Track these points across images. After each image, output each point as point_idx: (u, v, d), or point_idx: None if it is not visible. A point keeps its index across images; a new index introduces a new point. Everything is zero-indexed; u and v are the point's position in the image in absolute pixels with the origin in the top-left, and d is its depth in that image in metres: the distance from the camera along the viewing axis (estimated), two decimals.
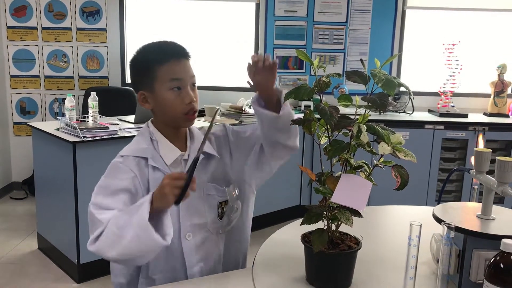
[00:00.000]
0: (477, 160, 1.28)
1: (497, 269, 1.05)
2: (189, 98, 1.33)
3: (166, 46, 1.36)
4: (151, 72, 1.32)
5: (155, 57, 1.32)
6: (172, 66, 1.32)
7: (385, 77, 1.13)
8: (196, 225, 1.38)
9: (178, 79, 1.32)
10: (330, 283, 1.20)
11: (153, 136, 1.38)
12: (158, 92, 1.33)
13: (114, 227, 1.19)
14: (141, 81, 1.36)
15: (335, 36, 4.50)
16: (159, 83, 1.32)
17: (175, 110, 1.33)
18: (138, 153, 1.36)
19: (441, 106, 4.26)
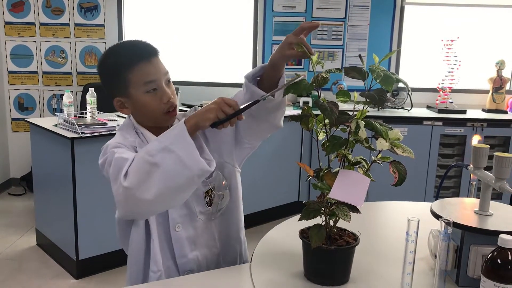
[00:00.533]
0: (475, 156, 1.29)
1: (494, 264, 1.05)
2: (167, 96, 1.30)
3: (134, 48, 1.31)
4: (123, 78, 1.28)
5: (125, 62, 1.28)
6: (143, 69, 1.28)
7: (384, 72, 1.13)
8: (185, 216, 1.35)
9: (152, 81, 1.28)
10: (328, 278, 1.21)
11: (138, 130, 1.35)
12: (135, 96, 1.30)
13: (146, 155, 1.11)
14: (114, 88, 1.32)
15: (333, 32, 4.49)
16: (133, 87, 1.29)
17: (155, 111, 1.30)
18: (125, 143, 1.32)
19: (440, 102, 4.26)
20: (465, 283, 1.21)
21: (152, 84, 1.28)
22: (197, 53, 4.54)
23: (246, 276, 1.26)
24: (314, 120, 1.22)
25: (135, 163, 1.12)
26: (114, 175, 1.15)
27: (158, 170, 1.08)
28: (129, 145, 1.30)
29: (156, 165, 1.09)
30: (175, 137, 1.11)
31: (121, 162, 1.15)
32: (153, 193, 1.09)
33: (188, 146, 1.09)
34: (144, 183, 1.09)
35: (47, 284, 2.92)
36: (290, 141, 3.98)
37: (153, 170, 1.09)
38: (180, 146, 1.09)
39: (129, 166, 1.12)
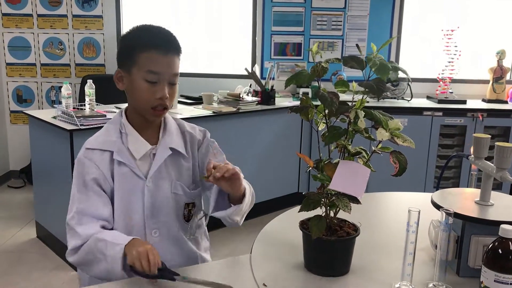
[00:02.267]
0: (476, 146, 1.28)
1: (495, 254, 1.05)
2: (161, 93, 1.28)
3: (156, 34, 1.31)
4: (133, 56, 1.28)
5: (141, 42, 1.28)
6: (154, 57, 1.27)
7: (380, 61, 1.12)
8: (162, 223, 1.36)
9: (155, 73, 1.27)
10: (328, 269, 1.21)
11: (123, 129, 1.35)
12: (134, 77, 1.29)
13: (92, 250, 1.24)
14: (122, 59, 1.32)
15: (333, 22, 4.46)
16: (136, 68, 1.28)
17: (144, 101, 1.29)
18: (104, 146, 1.33)
19: (440, 93, 4.25)
20: (466, 273, 1.21)
21: (154, 76, 1.27)
22: (196, 44, 4.51)
23: (246, 267, 1.26)
24: (313, 110, 1.21)
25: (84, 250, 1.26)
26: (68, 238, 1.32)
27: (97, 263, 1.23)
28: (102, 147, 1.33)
29: (98, 260, 1.22)
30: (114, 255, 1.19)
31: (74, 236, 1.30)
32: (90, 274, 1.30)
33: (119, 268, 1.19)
34: (84, 265, 1.29)
35: (47, 276, 2.92)
36: (289, 132, 3.97)
37: (94, 260, 1.23)
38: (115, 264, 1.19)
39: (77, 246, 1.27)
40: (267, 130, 3.81)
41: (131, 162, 1.33)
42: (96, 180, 1.31)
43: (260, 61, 4.51)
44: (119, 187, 1.32)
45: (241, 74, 4.08)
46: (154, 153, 1.35)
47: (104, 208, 1.31)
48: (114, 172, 1.32)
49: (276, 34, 4.49)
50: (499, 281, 1.04)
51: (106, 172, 1.32)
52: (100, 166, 1.31)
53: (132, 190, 1.33)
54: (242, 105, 3.66)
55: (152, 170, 1.34)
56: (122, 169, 1.32)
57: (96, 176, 1.31)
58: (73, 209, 1.31)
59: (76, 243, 1.27)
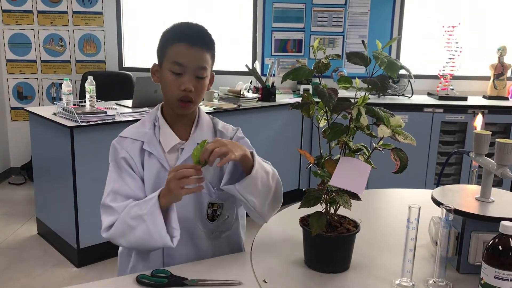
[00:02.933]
0: (477, 142, 1.28)
1: (495, 251, 1.05)
2: (186, 85, 1.30)
3: (186, 28, 1.35)
4: (164, 49, 1.33)
5: (171, 36, 1.33)
6: (180, 50, 1.30)
7: (388, 59, 1.11)
8: (182, 218, 1.32)
9: (180, 64, 1.30)
10: (328, 266, 1.21)
11: (156, 121, 1.39)
12: (163, 69, 1.34)
13: (128, 217, 1.24)
14: (158, 53, 1.37)
15: (334, 19, 4.45)
16: (165, 61, 1.32)
17: (170, 92, 1.32)
18: (136, 135, 1.37)
19: (441, 89, 4.24)
20: (466, 269, 1.22)
21: (179, 67, 1.30)
22: None
23: (246, 263, 1.26)
24: (314, 107, 1.21)
25: (119, 223, 1.27)
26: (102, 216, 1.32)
27: (132, 232, 1.24)
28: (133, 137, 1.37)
29: (133, 228, 1.23)
30: (150, 209, 1.21)
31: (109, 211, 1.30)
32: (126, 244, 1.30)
33: (158, 223, 1.20)
34: (121, 237, 1.27)
35: (48, 272, 2.93)
36: (290, 128, 3.97)
37: (129, 230, 1.24)
38: (151, 219, 1.20)
39: (112, 222, 1.28)
40: (267, 127, 3.81)
41: (160, 153, 1.35)
42: (126, 161, 1.34)
43: (260, 58, 4.50)
44: (147, 177, 1.35)
45: (242, 71, 4.07)
46: (183, 148, 1.37)
47: (137, 190, 1.33)
48: (144, 162, 1.35)
49: (277, 31, 4.48)
50: (499, 278, 1.04)
51: (136, 160, 1.35)
52: (130, 152, 1.35)
53: (158, 181, 1.34)
54: (243, 102, 3.66)
55: (178, 163, 1.35)
56: (151, 160, 1.35)
57: (127, 157, 1.35)
58: (108, 190, 1.33)
59: (112, 219, 1.28)
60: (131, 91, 3.45)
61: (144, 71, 4.31)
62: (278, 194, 1.33)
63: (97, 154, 2.89)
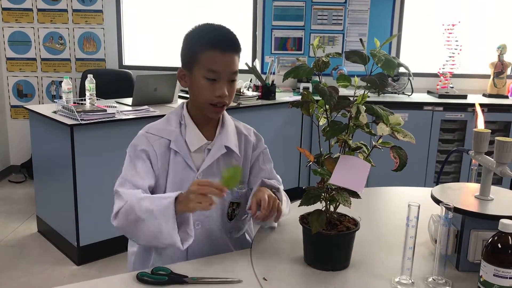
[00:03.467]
0: (476, 141, 1.28)
1: (494, 249, 1.06)
2: (220, 91, 1.31)
3: (217, 34, 1.35)
4: (194, 55, 1.32)
5: (202, 42, 1.32)
6: (213, 57, 1.30)
7: (385, 57, 1.11)
8: (205, 216, 1.38)
9: (215, 72, 1.31)
10: (328, 264, 1.21)
11: (182, 120, 1.40)
12: (195, 75, 1.33)
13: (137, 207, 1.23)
14: (184, 59, 1.37)
15: (334, 17, 4.45)
16: (198, 67, 1.32)
17: (204, 98, 1.33)
18: (163, 133, 1.38)
19: (440, 88, 4.24)
20: (465, 267, 1.22)
21: (214, 74, 1.31)
22: None
23: (246, 261, 1.26)
24: (314, 105, 1.21)
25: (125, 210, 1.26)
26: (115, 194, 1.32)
27: (141, 224, 1.22)
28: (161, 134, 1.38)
29: (142, 220, 1.22)
30: (163, 208, 1.20)
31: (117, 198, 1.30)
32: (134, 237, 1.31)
33: (169, 222, 1.19)
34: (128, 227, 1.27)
35: (49, 270, 2.93)
36: (290, 127, 3.97)
37: (138, 221, 1.23)
38: (164, 218, 1.20)
39: (120, 208, 1.27)
40: (267, 125, 3.81)
41: (186, 153, 1.37)
42: (146, 152, 1.35)
43: (260, 56, 4.50)
44: (172, 176, 1.36)
45: (242, 69, 4.04)
46: (209, 148, 1.39)
47: (147, 179, 1.34)
48: (170, 160, 1.37)
49: (277, 29, 4.48)
50: (498, 275, 1.04)
51: (161, 158, 1.36)
52: (156, 148, 1.36)
53: (183, 180, 1.36)
54: (243, 100, 3.66)
55: (205, 164, 1.37)
56: (177, 158, 1.37)
57: (149, 150, 1.35)
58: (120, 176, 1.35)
59: (119, 205, 1.28)
60: (131, 89, 3.45)
61: (144, 69, 4.30)
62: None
63: (97, 152, 2.89)
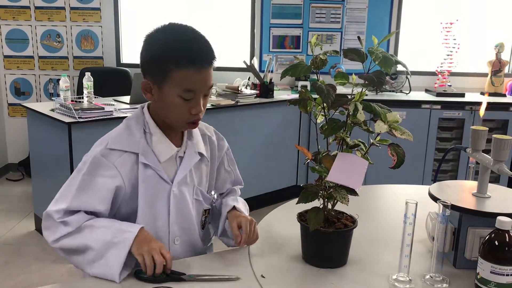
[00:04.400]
0: (474, 138, 1.28)
1: (491, 246, 1.06)
2: (197, 109, 1.20)
3: (191, 49, 1.18)
4: (165, 70, 1.16)
5: (177, 58, 1.16)
6: (190, 75, 1.17)
7: (382, 54, 1.12)
8: (184, 230, 1.32)
9: (192, 91, 1.18)
10: (326, 261, 1.21)
11: (147, 128, 1.25)
12: (166, 93, 1.19)
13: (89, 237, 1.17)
14: (151, 71, 1.20)
15: (332, 15, 4.45)
16: (169, 85, 1.18)
17: (178, 117, 1.22)
18: (127, 147, 1.22)
19: (438, 86, 4.25)
20: (463, 265, 1.22)
21: (190, 94, 1.18)
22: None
23: (244, 259, 1.26)
24: (312, 103, 1.21)
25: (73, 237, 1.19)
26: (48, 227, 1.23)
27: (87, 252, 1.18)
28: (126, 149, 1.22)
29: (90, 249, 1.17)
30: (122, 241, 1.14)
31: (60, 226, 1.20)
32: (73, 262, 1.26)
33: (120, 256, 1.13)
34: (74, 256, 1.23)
35: (47, 268, 2.93)
36: (288, 124, 3.97)
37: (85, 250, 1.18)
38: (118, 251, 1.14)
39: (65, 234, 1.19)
40: (265, 123, 3.81)
41: (156, 164, 1.24)
42: (109, 189, 1.20)
43: (258, 54, 4.50)
44: (144, 191, 1.23)
45: (240, 67, 4.07)
46: (180, 156, 1.29)
47: (100, 204, 1.21)
48: (139, 175, 1.22)
49: (275, 27, 4.48)
50: (495, 273, 1.05)
51: (129, 175, 1.22)
52: (119, 167, 1.21)
53: (157, 194, 1.25)
54: (241, 98, 3.66)
55: (180, 175, 1.27)
56: (147, 171, 1.23)
57: (112, 175, 1.20)
58: (62, 204, 1.21)
59: (66, 230, 1.18)
60: (129, 87, 3.45)
61: None
62: None
63: None
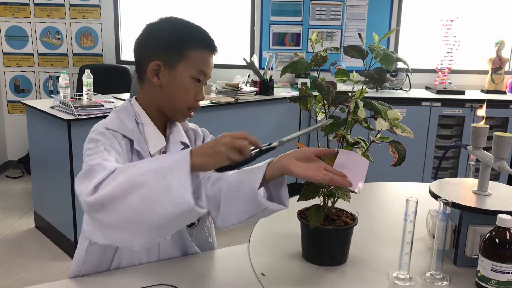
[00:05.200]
0: (474, 136, 1.28)
1: (492, 244, 1.06)
2: (202, 96, 1.23)
3: (205, 33, 1.24)
4: (182, 50, 1.18)
5: (195, 39, 1.20)
6: (207, 57, 1.21)
7: (383, 51, 1.11)
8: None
9: (204, 73, 1.22)
10: (326, 259, 1.21)
11: (138, 118, 1.23)
12: (179, 73, 1.19)
13: (133, 169, 0.96)
14: (164, 52, 1.20)
15: (332, 12, 4.44)
16: (184, 65, 1.19)
17: (184, 100, 1.21)
18: (125, 131, 1.19)
19: (438, 83, 4.24)
20: (463, 262, 1.22)
21: (202, 75, 1.21)
22: None
23: (244, 257, 1.26)
24: (312, 100, 1.21)
25: (113, 178, 0.96)
26: (82, 181, 1.00)
27: (138, 191, 0.92)
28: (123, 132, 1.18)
29: (140, 184, 0.92)
30: (175, 164, 0.94)
31: (96, 171, 0.99)
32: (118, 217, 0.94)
33: (183, 181, 0.92)
34: (112, 201, 0.93)
35: (46, 265, 2.93)
36: (288, 122, 3.96)
37: (132, 189, 0.92)
38: (175, 176, 0.92)
39: (103, 179, 0.96)
40: (265, 121, 3.81)
41: (147, 154, 1.21)
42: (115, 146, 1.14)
43: (258, 51, 4.49)
44: None
45: (240, 64, 4.06)
46: (164, 152, 1.25)
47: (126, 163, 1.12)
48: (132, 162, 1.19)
49: (275, 24, 4.47)
50: (496, 270, 1.05)
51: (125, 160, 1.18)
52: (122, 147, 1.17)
53: None
54: (241, 96, 3.65)
55: None
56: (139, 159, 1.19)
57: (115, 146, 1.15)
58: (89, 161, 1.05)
59: (100, 176, 0.97)
60: (129, 84, 3.44)
61: None
62: None
63: None
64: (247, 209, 1.12)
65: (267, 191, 1.16)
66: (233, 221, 1.14)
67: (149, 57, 1.21)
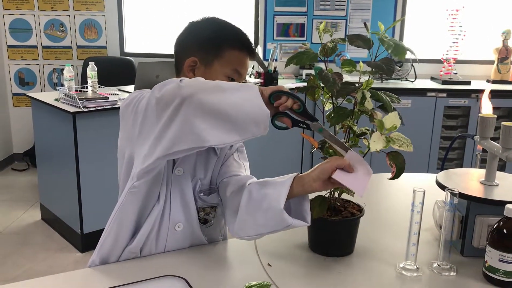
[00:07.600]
0: (482, 126, 1.27)
1: (500, 234, 1.06)
2: None
3: (245, 35, 1.28)
4: (220, 49, 1.22)
5: (233, 39, 1.24)
6: (243, 58, 1.24)
7: (394, 42, 1.10)
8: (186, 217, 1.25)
9: (239, 73, 1.24)
10: (332, 250, 1.21)
11: None
12: (214, 70, 1.22)
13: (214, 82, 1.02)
14: (202, 49, 1.24)
15: (336, 3, 4.41)
16: (221, 63, 1.22)
17: None
18: None
19: (444, 74, 4.22)
20: (470, 253, 1.22)
21: (237, 75, 1.24)
22: None
23: (251, 248, 1.26)
24: (320, 91, 1.20)
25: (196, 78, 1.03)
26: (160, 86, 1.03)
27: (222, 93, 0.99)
28: None
29: (222, 89, 1.00)
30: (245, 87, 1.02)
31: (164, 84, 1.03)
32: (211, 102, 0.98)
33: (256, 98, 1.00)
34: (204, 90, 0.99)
35: (52, 257, 2.95)
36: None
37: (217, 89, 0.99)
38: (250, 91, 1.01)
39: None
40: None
41: None
42: None
43: (262, 42, 4.47)
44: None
45: None
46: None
47: None
48: None
49: (279, 15, 4.44)
50: (503, 261, 1.04)
51: None
52: None
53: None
54: None
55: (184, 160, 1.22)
56: None
57: None
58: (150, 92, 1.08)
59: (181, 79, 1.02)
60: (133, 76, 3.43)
61: (145, 56, 4.28)
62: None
63: (99, 140, 2.89)
64: (269, 224, 1.11)
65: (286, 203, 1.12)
66: (251, 233, 1.15)
67: (186, 53, 1.24)
